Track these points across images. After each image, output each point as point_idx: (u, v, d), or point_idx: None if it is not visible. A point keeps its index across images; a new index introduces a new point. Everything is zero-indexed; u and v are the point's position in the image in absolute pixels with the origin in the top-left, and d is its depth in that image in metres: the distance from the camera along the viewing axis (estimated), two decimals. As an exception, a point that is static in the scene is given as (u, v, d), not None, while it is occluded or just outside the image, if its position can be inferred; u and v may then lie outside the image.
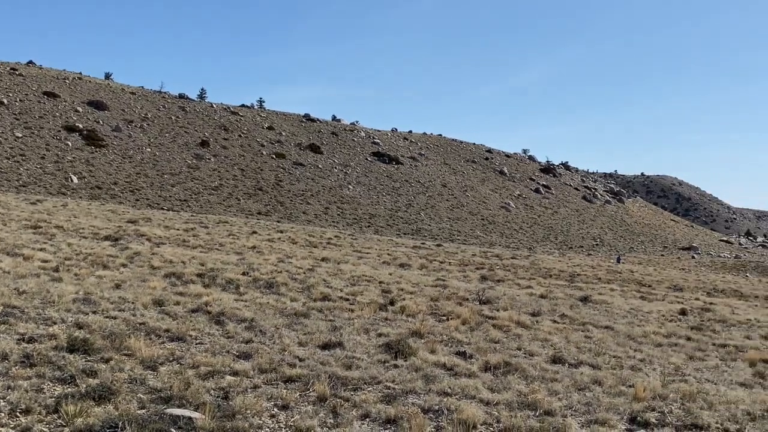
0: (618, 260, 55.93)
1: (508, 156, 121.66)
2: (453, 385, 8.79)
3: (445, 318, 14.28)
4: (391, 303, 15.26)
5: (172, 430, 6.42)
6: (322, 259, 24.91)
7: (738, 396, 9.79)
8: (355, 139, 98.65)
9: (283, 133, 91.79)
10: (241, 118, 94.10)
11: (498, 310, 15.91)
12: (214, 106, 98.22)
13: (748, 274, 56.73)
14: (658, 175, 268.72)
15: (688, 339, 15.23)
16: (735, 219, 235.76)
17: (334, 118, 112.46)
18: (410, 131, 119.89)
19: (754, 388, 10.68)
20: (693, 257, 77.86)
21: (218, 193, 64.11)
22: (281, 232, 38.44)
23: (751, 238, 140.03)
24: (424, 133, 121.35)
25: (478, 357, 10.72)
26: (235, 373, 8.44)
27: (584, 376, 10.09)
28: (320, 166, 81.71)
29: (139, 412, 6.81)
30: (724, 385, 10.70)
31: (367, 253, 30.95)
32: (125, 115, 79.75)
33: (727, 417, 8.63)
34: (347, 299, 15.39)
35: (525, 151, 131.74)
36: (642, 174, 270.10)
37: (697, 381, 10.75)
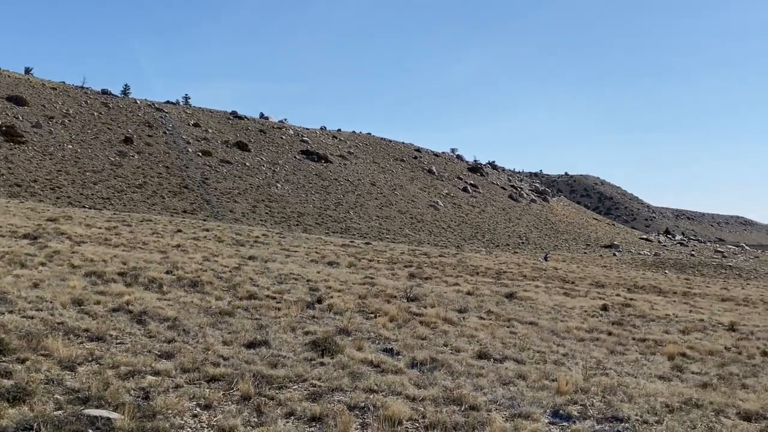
0: (545, 258, 57.00)
1: (436, 155, 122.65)
2: (379, 382, 8.78)
3: (372, 315, 14.27)
4: (319, 301, 15.18)
5: (90, 431, 6.23)
6: (249, 258, 24.63)
7: (657, 389, 10.05)
8: (284, 137, 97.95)
9: (210, 131, 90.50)
10: (166, 114, 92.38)
11: (425, 307, 16.00)
12: (138, 102, 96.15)
13: (666, 271, 58.47)
14: (581, 175, 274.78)
15: (610, 334, 15.61)
16: (655, 217, 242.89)
17: (262, 115, 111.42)
18: (339, 129, 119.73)
19: (673, 381, 10.99)
20: (614, 255, 79.86)
21: (142, 191, 62.83)
22: (207, 230, 37.87)
23: (669, 236, 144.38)
24: (353, 132, 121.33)
25: (405, 353, 10.74)
26: (156, 373, 8.25)
27: (509, 371, 10.22)
28: (248, 164, 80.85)
29: (55, 413, 6.58)
30: (643, 378, 10.96)
31: (295, 251, 30.75)
32: (46, 111, 77.39)
33: (646, 409, 8.84)
34: (274, 297, 15.25)
35: (453, 151, 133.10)
36: (566, 173, 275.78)
37: (617, 374, 11.01)
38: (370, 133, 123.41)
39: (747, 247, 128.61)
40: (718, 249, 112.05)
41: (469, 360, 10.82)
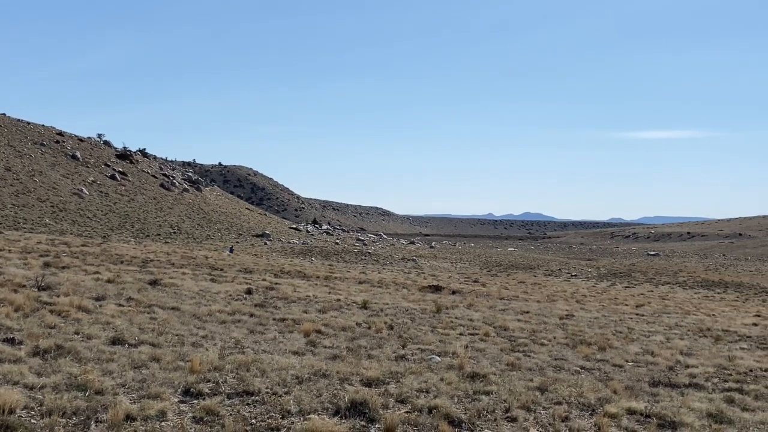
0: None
1: (81, 140, 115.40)
2: (-7, 372, 8.07)
3: (-5, 306, 13.05)
4: (-71, 292, 13.50)
5: None
6: None
7: (290, 363, 10.51)
8: None
9: None
10: None
11: (58, 296, 15.00)
12: None
13: (313, 258, 61.26)
14: (235, 165, 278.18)
15: (252, 315, 15.94)
16: (304, 208, 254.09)
17: None
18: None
19: (306, 356, 11.54)
20: (265, 243, 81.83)
21: None
22: None
23: (317, 225, 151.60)
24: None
25: (28, 342, 9.99)
26: None
27: (143, 355, 9.98)
28: None
29: None
30: (279, 354, 11.38)
31: None
32: None
33: (277, 382, 9.20)
34: None
35: (100, 136, 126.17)
36: (220, 164, 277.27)
37: (254, 352, 11.29)
38: (5, 114, 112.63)
39: (385, 236, 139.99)
40: (360, 237, 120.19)
41: (101, 346, 10.37)
